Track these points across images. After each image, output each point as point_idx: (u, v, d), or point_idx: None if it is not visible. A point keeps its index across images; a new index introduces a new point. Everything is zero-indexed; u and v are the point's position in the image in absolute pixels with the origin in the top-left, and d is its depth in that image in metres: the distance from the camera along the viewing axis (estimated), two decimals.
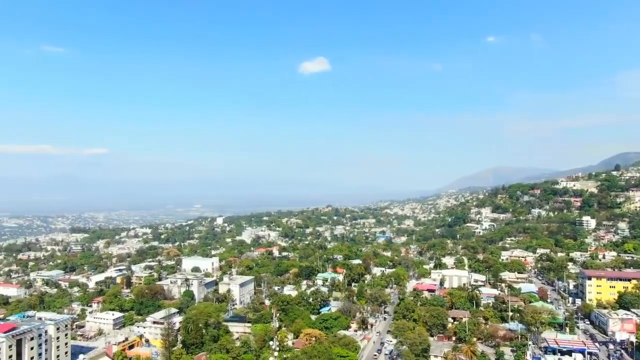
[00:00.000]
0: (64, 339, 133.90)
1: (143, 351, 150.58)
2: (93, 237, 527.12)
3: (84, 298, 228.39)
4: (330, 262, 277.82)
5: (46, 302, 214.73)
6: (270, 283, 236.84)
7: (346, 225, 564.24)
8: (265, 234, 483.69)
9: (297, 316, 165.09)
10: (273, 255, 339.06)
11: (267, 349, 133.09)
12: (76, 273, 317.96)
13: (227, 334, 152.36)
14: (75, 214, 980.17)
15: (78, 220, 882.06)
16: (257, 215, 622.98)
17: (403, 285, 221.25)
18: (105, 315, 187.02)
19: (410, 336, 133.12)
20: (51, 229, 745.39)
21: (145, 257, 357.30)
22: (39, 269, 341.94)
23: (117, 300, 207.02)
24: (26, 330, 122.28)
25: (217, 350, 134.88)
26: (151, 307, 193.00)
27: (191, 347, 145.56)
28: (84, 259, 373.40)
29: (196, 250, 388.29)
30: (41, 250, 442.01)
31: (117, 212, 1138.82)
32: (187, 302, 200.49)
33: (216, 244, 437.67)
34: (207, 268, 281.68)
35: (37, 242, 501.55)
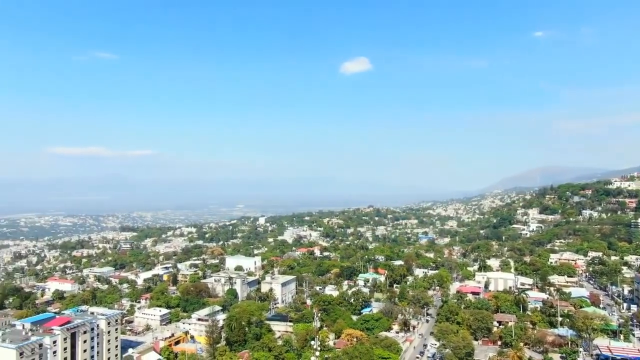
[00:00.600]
0: (114, 333, 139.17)
1: (188, 347, 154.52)
2: (141, 236, 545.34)
3: (133, 294, 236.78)
4: (372, 263, 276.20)
5: (98, 298, 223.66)
6: (312, 283, 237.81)
7: (388, 225, 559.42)
8: (306, 233, 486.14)
9: (338, 316, 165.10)
10: (314, 255, 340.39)
11: (309, 349, 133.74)
12: (125, 270, 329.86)
13: (269, 332, 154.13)
14: (125, 213, 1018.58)
15: (127, 219, 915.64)
16: (298, 215, 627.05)
17: (446, 287, 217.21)
18: (152, 312, 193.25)
19: (453, 339, 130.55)
20: (102, 228, 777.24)
21: (190, 256, 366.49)
22: (91, 265, 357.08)
23: (164, 297, 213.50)
24: (80, 324, 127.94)
25: (260, 349, 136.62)
26: (196, 304, 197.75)
27: (234, 345, 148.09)
28: (133, 256, 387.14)
29: (239, 250, 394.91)
30: (93, 248, 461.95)
31: (163, 211, 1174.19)
32: (230, 300, 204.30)
33: (258, 243, 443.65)
34: (250, 267, 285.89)
35: (90, 240, 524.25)
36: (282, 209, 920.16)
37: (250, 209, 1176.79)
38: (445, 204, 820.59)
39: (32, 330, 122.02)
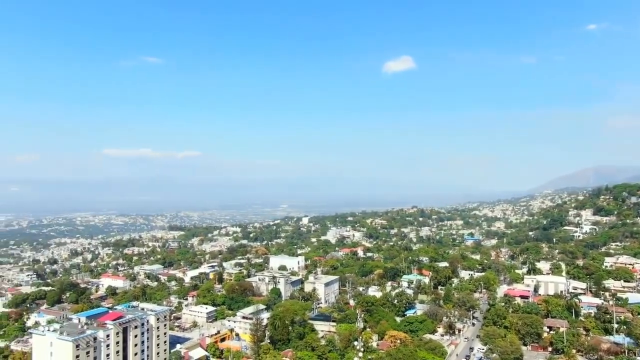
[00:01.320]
0: (163, 329, 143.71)
1: (233, 344, 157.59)
2: (188, 235, 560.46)
3: (181, 292, 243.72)
4: (416, 264, 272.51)
5: (148, 294, 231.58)
6: (355, 283, 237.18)
7: (432, 226, 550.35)
8: (349, 234, 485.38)
9: (381, 317, 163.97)
10: (357, 255, 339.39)
11: (352, 349, 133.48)
12: (174, 268, 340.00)
13: (313, 332, 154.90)
14: (173, 213, 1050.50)
15: (175, 218, 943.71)
16: (341, 216, 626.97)
17: (493, 290, 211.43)
18: (199, 309, 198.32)
19: (501, 344, 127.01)
20: (152, 227, 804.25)
21: (235, 255, 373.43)
22: (141, 263, 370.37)
23: (210, 295, 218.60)
24: (131, 319, 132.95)
25: (303, 348, 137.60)
26: (241, 302, 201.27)
27: (278, 343, 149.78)
28: (181, 255, 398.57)
29: (283, 249, 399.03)
30: (143, 246, 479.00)
31: (209, 211, 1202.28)
32: (274, 299, 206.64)
33: (302, 243, 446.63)
34: (293, 267, 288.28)
35: (140, 239, 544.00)
36: (325, 209, 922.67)
37: (294, 209, 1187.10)
38: (492, 205, 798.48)
39: (87, 324, 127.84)
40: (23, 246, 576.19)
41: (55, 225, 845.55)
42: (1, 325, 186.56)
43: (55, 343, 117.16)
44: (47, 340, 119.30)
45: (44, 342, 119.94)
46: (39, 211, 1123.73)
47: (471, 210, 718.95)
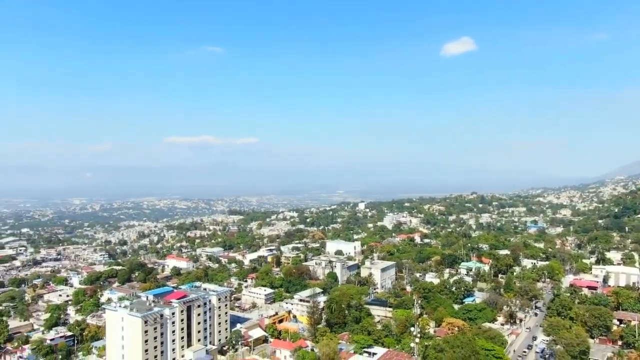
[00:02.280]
0: (224, 308, 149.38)
1: (291, 326, 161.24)
2: (247, 219, 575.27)
3: (240, 274, 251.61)
4: (475, 251, 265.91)
5: (209, 275, 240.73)
6: (412, 269, 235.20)
7: (493, 213, 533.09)
8: (406, 220, 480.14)
9: (439, 304, 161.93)
10: (414, 241, 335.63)
11: (408, 335, 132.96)
12: (233, 251, 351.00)
13: (369, 316, 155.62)
14: (232, 198, 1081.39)
15: (234, 203, 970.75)
16: (398, 202, 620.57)
17: (558, 280, 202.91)
18: (258, 291, 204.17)
19: (566, 335, 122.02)
20: (213, 211, 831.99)
21: (292, 239, 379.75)
22: (203, 245, 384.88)
23: (268, 278, 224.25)
24: (194, 299, 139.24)
25: (359, 331, 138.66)
26: (298, 285, 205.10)
27: (334, 326, 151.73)
28: (240, 238, 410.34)
29: (339, 234, 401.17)
30: (205, 230, 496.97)
31: (267, 196, 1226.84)
32: (330, 283, 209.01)
33: (358, 228, 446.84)
34: (350, 252, 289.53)
35: (202, 222, 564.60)
36: (382, 195, 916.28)
37: (350, 194, 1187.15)
38: (558, 191, 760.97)
39: (154, 301, 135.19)
40: (96, 228, 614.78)
41: (124, 209, 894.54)
42: (78, 301, 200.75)
43: (126, 318, 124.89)
44: (118, 315, 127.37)
45: (116, 317, 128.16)
46: (110, 196, 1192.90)
47: (535, 197, 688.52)
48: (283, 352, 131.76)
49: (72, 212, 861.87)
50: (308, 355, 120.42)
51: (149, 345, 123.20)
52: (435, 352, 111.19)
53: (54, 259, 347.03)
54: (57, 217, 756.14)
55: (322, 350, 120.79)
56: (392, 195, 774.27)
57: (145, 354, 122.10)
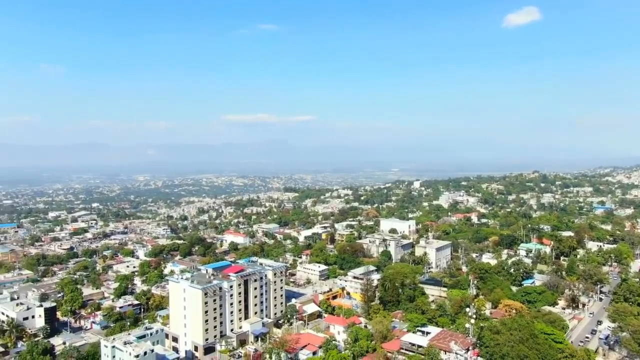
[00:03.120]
0: (279, 283, 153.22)
1: (344, 302, 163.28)
2: (302, 196, 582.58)
3: (295, 250, 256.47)
4: (536, 232, 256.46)
5: (265, 251, 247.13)
6: (468, 249, 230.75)
7: (555, 193, 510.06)
8: (463, 199, 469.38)
9: (496, 286, 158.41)
10: (471, 221, 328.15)
11: (463, 315, 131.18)
12: (288, 227, 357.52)
13: (423, 295, 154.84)
14: (287, 175, 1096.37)
15: (289, 180, 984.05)
16: (455, 180, 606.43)
17: (626, 264, 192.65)
18: (312, 267, 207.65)
19: (633, 323, 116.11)
20: (268, 188, 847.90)
21: (346, 217, 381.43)
22: (259, 222, 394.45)
23: (323, 254, 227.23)
24: (251, 273, 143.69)
25: (413, 310, 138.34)
26: (352, 262, 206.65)
27: (388, 304, 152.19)
28: (295, 215, 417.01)
29: (393, 213, 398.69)
30: (261, 206, 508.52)
31: (322, 174, 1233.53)
32: (384, 261, 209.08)
33: (413, 207, 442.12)
34: (404, 230, 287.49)
35: (258, 199, 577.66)
36: (438, 173, 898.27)
37: (405, 172, 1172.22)
38: (629, 171, 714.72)
39: (213, 275, 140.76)
40: (159, 203, 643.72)
41: (185, 185, 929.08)
42: (143, 272, 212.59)
43: (187, 290, 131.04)
44: (180, 287, 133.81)
45: (179, 289, 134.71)
46: (171, 173, 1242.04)
47: (602, 177, 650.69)
48: (337, 327, 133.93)
49: (137, 188, 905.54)
50: (361, 332, 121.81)
51: (208, 316, 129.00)
52: (491, 333, 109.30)
53: (121, 232, 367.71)
54: (124, 193, 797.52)
55: (376, 327, 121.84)
56: (449, 174, 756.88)
57: (205, 323, 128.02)
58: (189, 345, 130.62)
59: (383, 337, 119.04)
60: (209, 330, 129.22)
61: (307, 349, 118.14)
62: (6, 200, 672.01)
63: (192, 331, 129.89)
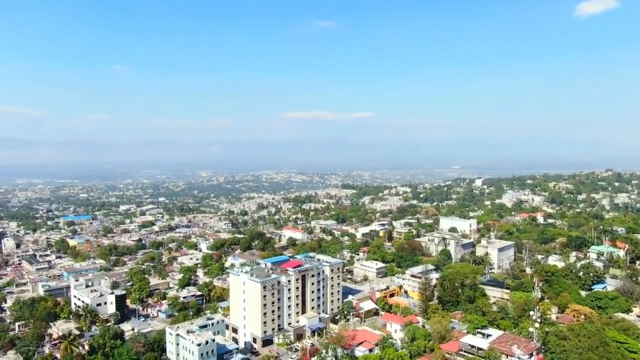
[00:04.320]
0: (336, 279, 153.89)
1: (402, 300, 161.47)
2: (360, 193, 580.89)
3: (353, 246, 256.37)
4: (608, 235, 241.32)
5: (323, 247, 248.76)
6: (533, 250, 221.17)
7: (631, 193, 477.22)
8: (528, 198, 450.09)
9: (563, 289, 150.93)
10: (537, 221, 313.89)
11: (527, 319, 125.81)
12: (346, 224, 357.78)
13: (484, 296, 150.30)
14: (346, 172, 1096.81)
15: (347, 177, 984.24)
16: (520, 178, 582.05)
17: None
18: (369, 264, 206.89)
19: None
20: (326, 185, 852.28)
21: (404, 214, 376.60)
22: (317, 218, 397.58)
23: (380, 252, 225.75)
24: (309, 268, 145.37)
25: (473, 311, 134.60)
26: (410, 261, 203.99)
27: (447, 304, 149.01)
28: (353, 212, 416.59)
29: (454, 211, 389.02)
30: (319, 202, 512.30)
31: (380, 171, 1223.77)
32: (443, 261, 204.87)
33: (474, 205, 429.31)
34: (465, 229, 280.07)
35: (316, 196, 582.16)
36: (501, 171, 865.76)
37: (466, 170, 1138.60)
38: None
39: (272, 269, 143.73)
40: (220, 199, 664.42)
41: (245, 181, 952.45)
42: (206, 264, 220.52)
43: (247, 283, 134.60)
44: (240, 280, 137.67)
45: (239, 281, 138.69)
46: (233, 169, 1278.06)
47: None
48: (394, 325, 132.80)
49: (200, 183, 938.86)
50: (419, 331, 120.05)
51: (267, 309, 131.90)
52: (557, 339, 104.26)
53: (185, 226, 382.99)
54: (188, 188, 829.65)
55: (434, 327, 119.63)
56: (513, 172, 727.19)
57: (264, 316, 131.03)
58: (248, 336, 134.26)
59: (441, 337, 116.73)
60: (267, 323, 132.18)
61: (363, 346, 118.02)
62: (82, 194, 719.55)
63: (251, 323, 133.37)
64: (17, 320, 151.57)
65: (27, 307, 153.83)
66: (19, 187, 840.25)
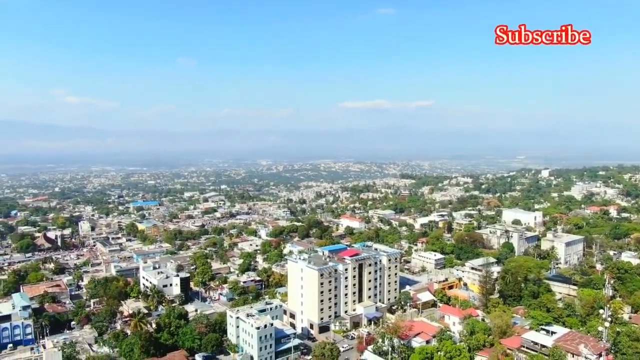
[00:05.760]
0: (393, 269, 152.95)
1: (461, 293, 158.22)
2: (419, 183, 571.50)
3: (411, 237, 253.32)
4: None
5: (380, 236, 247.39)
6: (604, 246, 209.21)
7: None
8: (600, 190, 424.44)
9: (637, 288, 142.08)
10: (609, 215, 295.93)
11: (595, 318, 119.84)
12: (404, 214, 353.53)
13: (549, 292, 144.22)
14: (404, 161, 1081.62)
15: (406, 167, 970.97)
16: (590, 169, 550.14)
17: None
18: (428, 255, 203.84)
19: None
20: (385, 174, 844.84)
21: (465, 205, 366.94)
22: (375, 207, 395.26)
23: (439, 243, 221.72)
24: (366, 257, 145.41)
25: (537, 307, 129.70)
26: (470, 253, 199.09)
27: (508, 299, 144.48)
28: (411, 202, 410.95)
29: (517, 203, 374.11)
30: (377, 192, 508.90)
31: (440, 160, 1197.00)
32: (505, 254, 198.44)
33: (540, 197, 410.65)
34: (529, 222, 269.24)
35: (374, 185, 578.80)
36: (570, 161, 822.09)
37: (532, 160, 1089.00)
38: None
39: (329, 257, 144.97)
40: (279, 187, 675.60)
41: (304, 170, 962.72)
42: (265, 250, 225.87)
43: (304, 270, 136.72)
44: (298, 267, 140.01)
45: (296, 268, 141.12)
46: (291, 157, 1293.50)
47: None
48: (452, 318, 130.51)
49: (260, 172, 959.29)
50: (478, 325, 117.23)
51: (324, 296, 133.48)
52: (629, 340, 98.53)
53: (245, 213, 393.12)
54: (248, 176, 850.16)
55: (494, 322, 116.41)
56: (583, 162, 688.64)
57: (320, 303, 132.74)
58: (305, 322, 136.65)
59: (502, 332, 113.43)
60: (324, 310, 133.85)
61: (420, 337, 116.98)
62: (150, 181, 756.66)
63: (308, 309, 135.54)
64: (92, 298, 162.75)
65: (101, 285, 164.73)
66: (93, 174, 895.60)
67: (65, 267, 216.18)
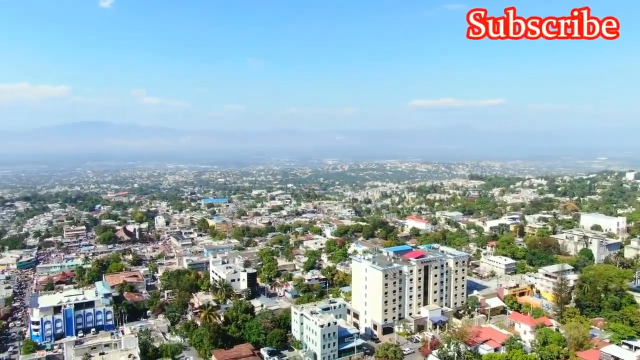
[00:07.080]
0: (461, 273, 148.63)
1: (533, 300, 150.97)
2: (489, 185, 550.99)
3: (480, 240, 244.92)
4: None
5: (447, 239, 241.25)
6: None
7: None
8: None
9: None
10: None
11: None
12: (473, 216, 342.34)
13: (632, 304, 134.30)
14: (474, 162, 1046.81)
15: (476, 168, 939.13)
16: None
17: None
18: (498, 259, 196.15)
19: None
20: (453, 175, 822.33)
21: (539, 209, 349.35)
22: (442, 209, 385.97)
23: (510, 247, 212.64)
24: (432, 260, 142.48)
25: (618, 319, 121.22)
26: (543, 259, 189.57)
27: (586, 309, 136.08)
28: (480, 204, 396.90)
29: (598, 207, 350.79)
30: (444, 193, 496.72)
31: (512, 161, 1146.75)
32: (583, 261, 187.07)
33: (624, 202, 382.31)
34: (611, 228, 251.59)
35: (442, 186, 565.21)
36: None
37: (615, 161, 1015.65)
38: None
39: (394, 258, 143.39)
40: (345, 186, 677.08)
41: (369, 170, 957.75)
42: (329, 249, 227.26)
43: (369, 270, 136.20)
44: (362, 266, 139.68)
45: (361, 268, 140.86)
46: (357, 157, 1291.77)
47: None
48: (523, 326, 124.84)
49: (325, 171, 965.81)
50: (552, 335, 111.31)
51: (388, 297, 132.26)
52: None
53: (311, 212, 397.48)
54: (314, 175, 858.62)
55: (570, 333, 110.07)
56: None
57: (384, 304, 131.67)
58: (368, 322, 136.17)
59: (578, 344, 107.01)
60: (387, 311, 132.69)
61: (488, 344, 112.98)
62: (220, 179, 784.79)
63: (372, 310, 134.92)
64: (165, 289, 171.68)
65: (174, 277, 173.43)
66: (168, 171, 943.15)
67: (142, 259, 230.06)
